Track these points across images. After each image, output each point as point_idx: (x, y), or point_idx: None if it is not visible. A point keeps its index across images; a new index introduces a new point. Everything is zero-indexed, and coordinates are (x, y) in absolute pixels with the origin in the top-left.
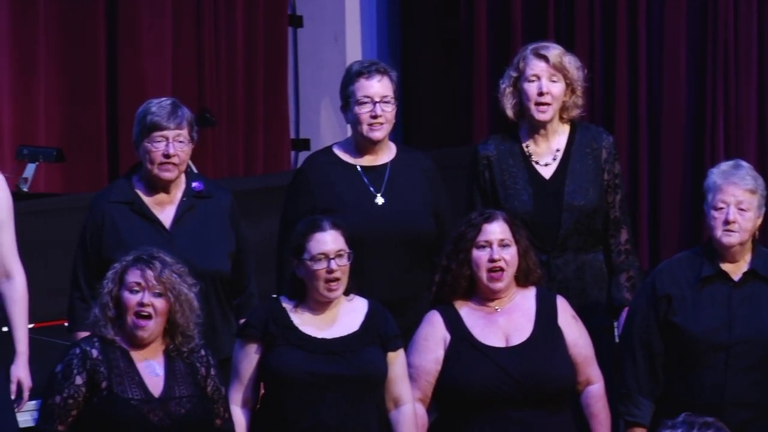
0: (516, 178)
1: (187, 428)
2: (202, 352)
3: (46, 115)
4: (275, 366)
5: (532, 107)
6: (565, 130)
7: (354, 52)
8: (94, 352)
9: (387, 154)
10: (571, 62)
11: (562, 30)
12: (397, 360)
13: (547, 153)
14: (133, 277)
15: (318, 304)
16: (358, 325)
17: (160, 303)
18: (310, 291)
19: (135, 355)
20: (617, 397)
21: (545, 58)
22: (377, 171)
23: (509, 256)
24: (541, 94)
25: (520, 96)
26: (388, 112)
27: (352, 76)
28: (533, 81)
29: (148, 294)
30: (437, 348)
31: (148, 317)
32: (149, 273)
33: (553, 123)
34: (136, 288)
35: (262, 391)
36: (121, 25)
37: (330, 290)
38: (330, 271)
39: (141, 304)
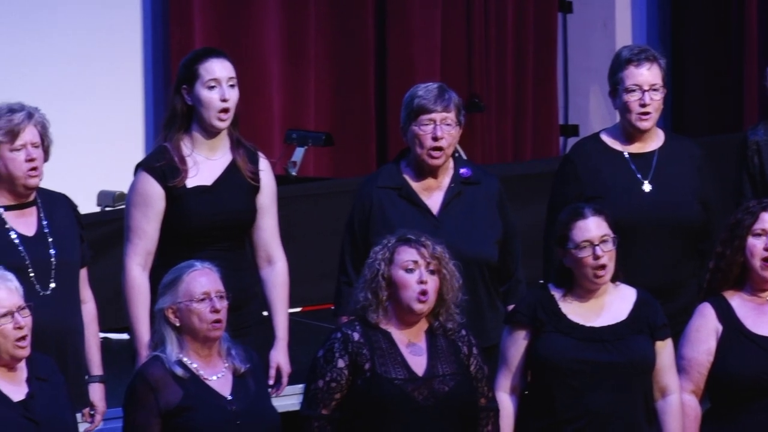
0: None
1: (451, 406)
2: (463, 332)
3: (316, 100)
4: (544, 353)
5: None
6: None
7: (623, 37)
8: (356, 336)
9: (655, 141)
10: None
11: None
12: (664, 349)
13: None
14: (408, 255)
15: (586, 292)
16: (627, 314)
17: (434, 280)
18: (578, 279)
19: (396, 335)
20: None
21: None
22: (645, 158)
23: None
24: None
25: None
26: (656, 100)
27: (621, 63)
28: None
29: (425, 272)
30: (709, 339)
31: (426, 294)
32: (424, 250)
33: None
34: (412, 266)
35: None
36: (390, 10)
37: (598, 277)
38: (596, 257)
39: (421, 282)
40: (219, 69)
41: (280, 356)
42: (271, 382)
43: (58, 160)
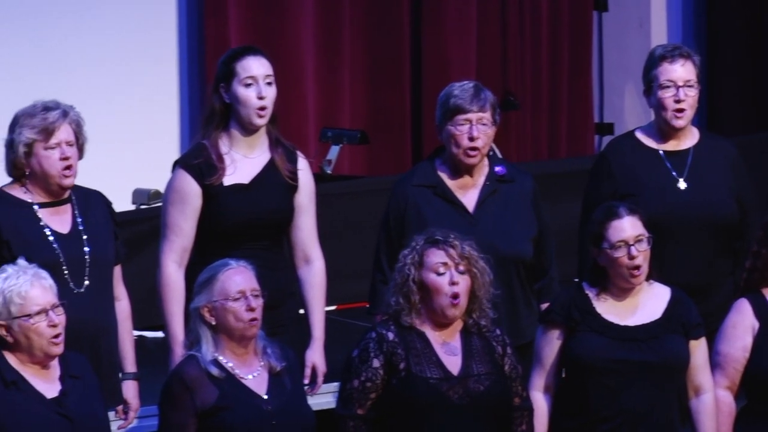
0: None
1: (486, 406)
2: (497, 332)
3: (351, 98)
4: (578, 352)
5: None
6: None
7: (659, 36)
8: (390, 335)
9: (690, 138)
10: None
11: None
12: (698, 348)
13: None
14: (437, 257)
15: (620, 291)
16: (661, 313)
17: (465, 280)
18: (613, 278)
19: (431, 335)
20: None
21: None
22: (680, 156)
23: None
24: None
25: None
26: (691, 96)
27: (655, 60)
28: None
29: (455, 273)
30: (745, 336)
31: (458, 298)
32: (452, 252)
33: None
34: (443, 269)
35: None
36: (425, 8)
37: (633, 277)
38: (631, 257)
39: (453, 283)
40: (256, 66)
41: (315, 356)
42: (306, 381)
43: (93, 157)
